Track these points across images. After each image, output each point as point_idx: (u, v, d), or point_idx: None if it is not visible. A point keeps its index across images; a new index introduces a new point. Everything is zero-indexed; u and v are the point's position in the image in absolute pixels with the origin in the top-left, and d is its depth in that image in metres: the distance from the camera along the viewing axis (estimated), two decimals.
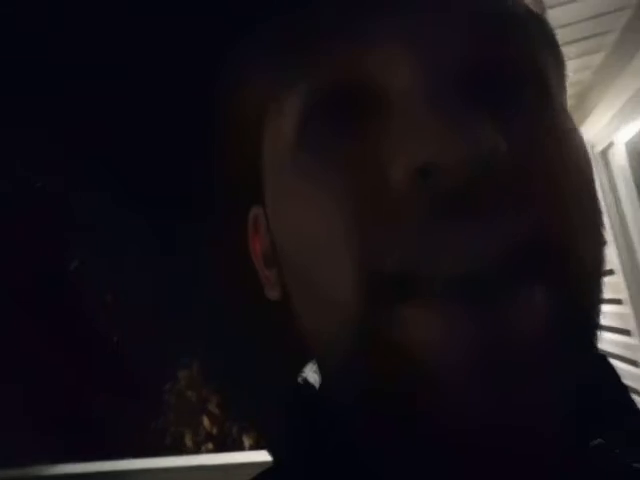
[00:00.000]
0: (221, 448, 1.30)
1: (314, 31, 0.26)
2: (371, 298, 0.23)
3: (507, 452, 0.22)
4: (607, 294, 0.28)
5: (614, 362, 0.30)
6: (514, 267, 0.22)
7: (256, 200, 0.32)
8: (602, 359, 0.30)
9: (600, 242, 0.25)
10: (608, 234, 1.60)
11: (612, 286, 1.61)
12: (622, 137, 1.57)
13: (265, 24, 0.29)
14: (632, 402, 0.29)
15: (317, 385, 0.32)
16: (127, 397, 1.27)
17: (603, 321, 0.26)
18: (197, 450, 1.30)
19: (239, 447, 1.30)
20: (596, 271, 0.25)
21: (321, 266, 0.25)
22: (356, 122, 0.25)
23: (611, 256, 1.59)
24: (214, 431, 1.26)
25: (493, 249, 0.22)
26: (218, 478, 1.32)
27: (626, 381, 0.31)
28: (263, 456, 1.14)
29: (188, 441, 1.28)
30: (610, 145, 1.61)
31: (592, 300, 0.25)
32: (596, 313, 0.25)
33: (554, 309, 0.22)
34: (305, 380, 0.33)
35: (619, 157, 1.59)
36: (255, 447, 1.30)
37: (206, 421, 1.26)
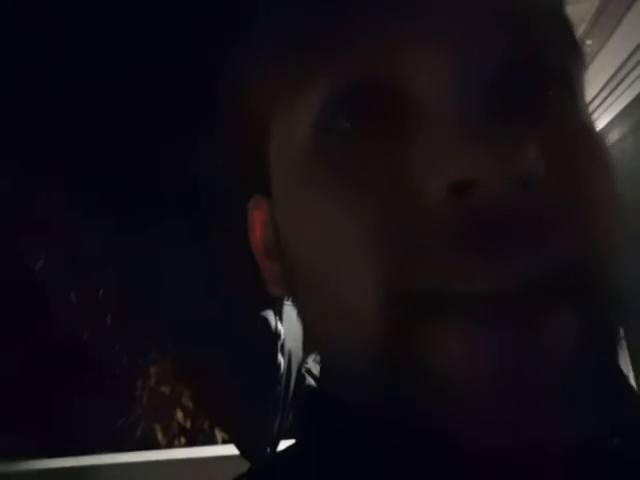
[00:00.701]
0: (193, 443, 1.30)
1: (339, 24, 0.26)
2: (396, 314, 0.23)
3: (521, 472, 0.22)
4: None
5: None
6: (545, 290, 0.22)
7: (259, 190, 0.32)
8: (621, 377, 0.30)
9: (622, 264, 0.25)
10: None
11: None
12: None
13: (289, 14, 0.28)
14: None
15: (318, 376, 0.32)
16: (97, 392, 1.25)
17: None
18: (169, 445, 1.29)
19: (211, 441, 1.30)
20: (623, 291, 0.25)
21: (342, 277, 0.24)
22: (381, 125, 0.25)
23: None
24: (187, 425, 1.26)
25: (525, 271, 0.22)
26: (190, 472, 1.31)
27: None
28: (235, 450, 1.14)
29: (160, 436, 1.27)
30: None
31: (618, 322, 0.25)
32: (619, 333, 0.25)
33: (582, 334, 0.22)
34: (309, 370, 0.33)
35: None
36: (228, 441, 1.29)
37: (178, 415, 1.26)
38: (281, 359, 1.25)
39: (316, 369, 0.34)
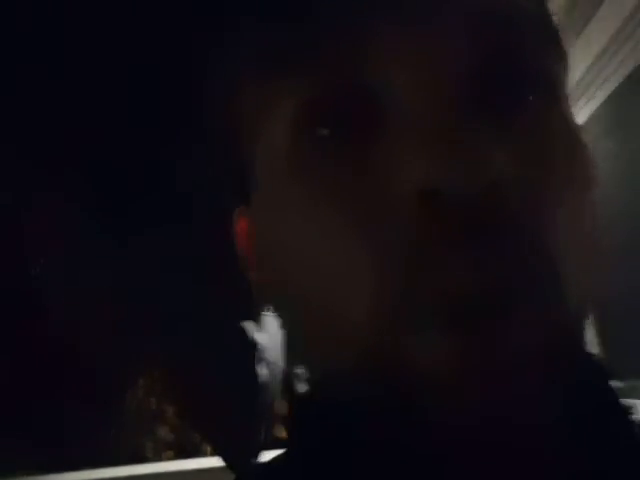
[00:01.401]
0: (181, 455, 1.30)
1: (312, 36, 0.26)
2: (380, 324, 0.23)
3: (500, 446, 0.23)
4: None
5: None
6: (516, 291, 0.22)
7: (243, 200, 0.32)
8: (591, 361, 0.31)
9: (596, 261, 0.26)
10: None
11: None
12: None
13: (263, 25, 0.28)
14: (618, 402, 0.30)
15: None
16: (84, 405, 1.25)
17: None
18: (157, 458, 1.29)
19: (200, 453, 1.30)
20: (589, 293, 0.26)
21: (323, 288, 0.25)
22: (356, 132, 0.25)
23: None
24: (173, 438, 1.26)
25: (496, 273, 0.22)
26: None
27: None
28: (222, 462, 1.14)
29: (148, 449, 1.27)
30: None
31: (585, 316, 0.26)
32: (584, 326, 0.26)
33: (549, 329, 0.23)
34: (298, 376, 0.34)
35: None
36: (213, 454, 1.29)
37: (166, 428, 1.26)
38: (262, 370, 1.24)
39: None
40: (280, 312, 0.30)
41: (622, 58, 1.18)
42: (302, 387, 0.40)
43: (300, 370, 0.37)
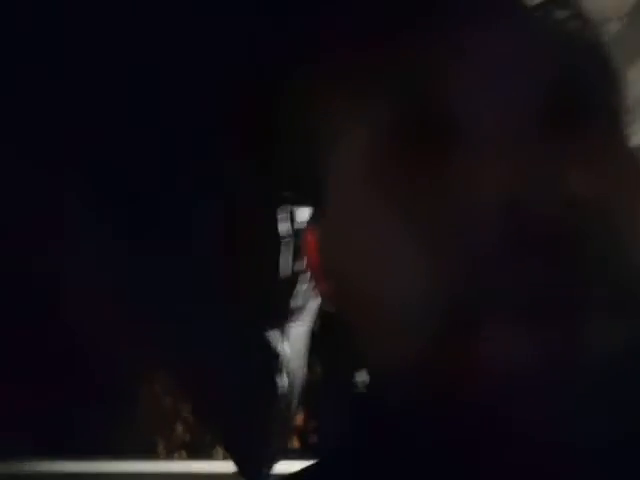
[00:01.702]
0: (194, 457, 1.29)
1: (390, 48, 0.26)
2: (445, 329, 0.24)
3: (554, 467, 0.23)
4: None
5: None
6: (585, 305, 0.23)
7: (314, 214, 0.33)
8: None
9: None
10: None
11: None
12: None
13: (343, 35, 0.29)
14: None
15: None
16: (99, 399, 1.25)
17: None
18: (169, 456, 1.29)
19: (212, 457, 1.29)
20: None
21: (395, 293, 0.25)
22: (433, 149, 0.26)
23: None
24: (186, 439, 1.25)
25: (563, 287, 0.23)
26: None
27: None
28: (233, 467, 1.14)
29: (160, 447, 1.27)
30: None
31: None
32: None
33: (618, 344, 0.23)
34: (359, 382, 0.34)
35: None
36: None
37: (180, 428, 1.25)
38: (283, 380, 1.23)
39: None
40: (347, 319, 0.30)
41: None
42: (361, 391, 0.38)
43: (359, 376, 0.36)
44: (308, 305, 1.23)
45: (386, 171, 0.26)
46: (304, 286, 1.20)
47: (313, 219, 0.33)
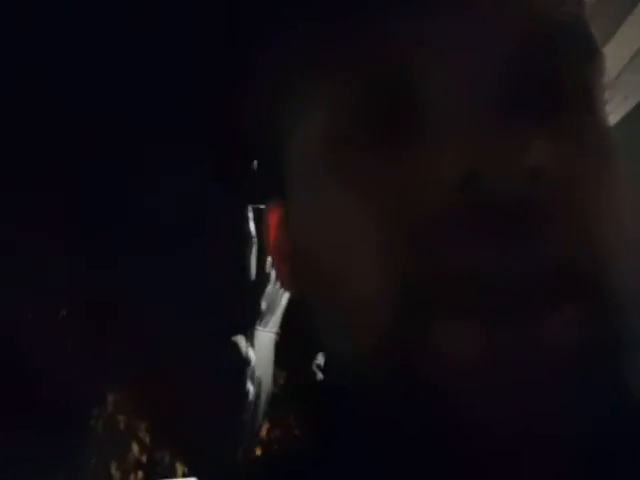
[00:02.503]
0: (152, 476, 1.21)
1: (354, 35, 0.26)
2: (407, 309, 0.23)
3: (522, 459, 0.23)
4: None
5: None
6: (550, 288, 0.22)
7: (275, 193, 0.32)
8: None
9: (632, 269, 0.25)
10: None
11: None
12: None
13: (307, 21, 0.29)
14: None
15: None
16: (50, 421, 1.16)
17: None
18: (125, 478, 1.20)
19: (171, 475, 1.21)
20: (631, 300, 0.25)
21: (354, 274, 0.25)
22: (396, 128, 0.25)
23: None
24: (143, 459, 1.17)
25: (532, 266, 0.22)
26: None
27: None
28: None
29: (114, 469, 1.18)
30: None
31: (620, 325, 0.25)
32: (622, 335, 0.25)
33: (582, 334, 0.22)
34: (319, 366, 0.34)
35: None
36: (188, 475, 1.22)
37: (135, 448, 1.17)
38: (250, 387, 1.19)
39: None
40: (308, 301, 0.29)
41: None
42: (321, 378, 0.39)
43: (320, 361, 0.38)
44: (275, 310, 1.22)
45: (346, 153, 0.26)
46: (271, 289, 1.19)
47: (274, 200, 0.33)
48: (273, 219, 0.33)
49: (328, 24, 0.27)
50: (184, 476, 1.18)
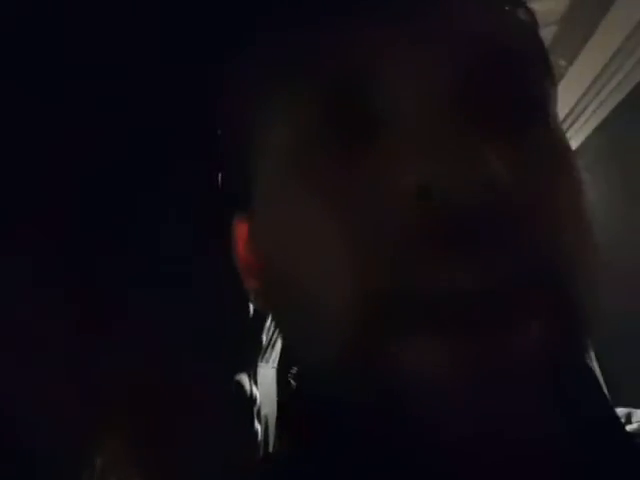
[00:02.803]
0: None
1: (312, 44, 0.27)
2: (365, 322, 0.23)
3: (493, 461, 0.23)
4: None
5: None
6: (510, 299, 0.22)
7: (242, 207, 0.32)
8: (588, 372, 0.31)
9: (596, 276, 0.26)
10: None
11: None
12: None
13: (263, 35, 0.30)
14: (614, 415, 0.31)
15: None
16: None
17: None
18: None
19: None
20: (593, 302, 0.26)
21: (316, 287, 0.25)
22: (353, 141, 0.26)
23: None
24: None
25: (490, 278, 0.22)
26: None
27: None
28: None
29: None
30: None
31: (585, 330, 0.26)
32: (587, 338, 0.26)
33: (548, 343, 0.23)
34: (295, 377, 0.34)
35: None
36: None
37: None
38: (258, 426, 1.15)
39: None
40: (278, 316, 0.30)
41: (614, 86, 1.31)
42: (295, 389, 0.39)
43: (294, 373, 0.39)
44: (275, 344, 1.18)
45: (306, 165, 0.27)
46: (270, 323, 1.15)
47: (242, 213, 0.34)
48: (240, 234, 0.33)
49: (288, 35, 0.28)
50: None
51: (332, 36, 0.27)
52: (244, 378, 1.14)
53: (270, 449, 1.13)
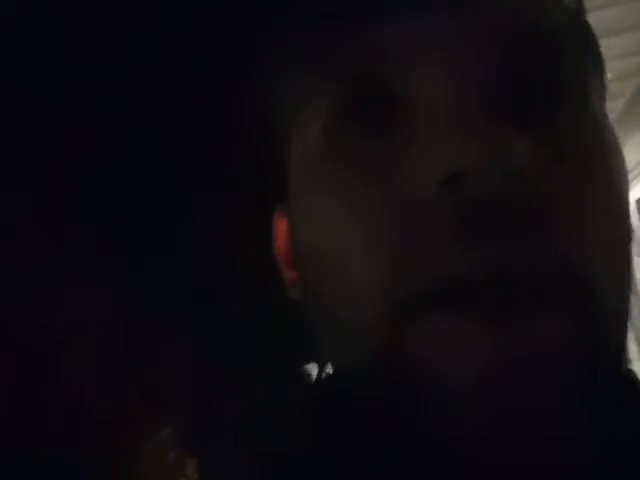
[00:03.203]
0: None
1: (340, 37, 0.27)
2: (393, 310, 0.24)
3: (514, 464, 0.23)
4: None
5: None
6: (535, 289, 0.23)
7: (281, 200, 0.33)
8: (627, 378, 0.31)
9: (629, 278, 0.26)
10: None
11: None
12: (634, 194, 1.72)
13: (293, 30, 0.30)
14: None
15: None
16: (97, 455, 1.04)
17: None
18: None
19: None
20: (623, 307, 0.25)
21: (342, 276, 0.26)
22: (382, 131, 0.26)
23: None
24: None
25: (517, 267, 0.22)
26: None
27: None
28: None
29: None
30: None
31: (616, 334, 0.25)
32: (620, 346, 0.26)
33: (571, 338, 0.23)
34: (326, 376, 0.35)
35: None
36: None
37: None
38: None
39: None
40: (310, 308, 0.30)
41: None
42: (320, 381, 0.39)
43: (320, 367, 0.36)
44: None
45: (335, 156, 0.27)
46: None
47: (281, 207, 0.34)
48: (280, 226, 0.35)
49: (318, 27, 0.29)
50: None
51: (363, 20, 0.27)
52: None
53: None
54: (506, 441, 0.23)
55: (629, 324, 0.26)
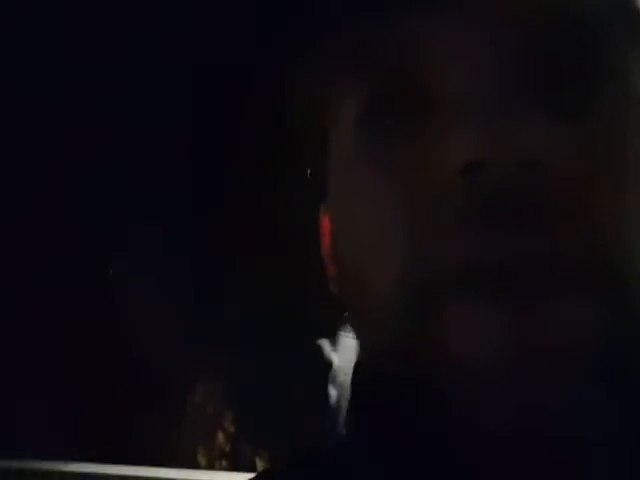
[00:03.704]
0: (235, 468, 1.23)
1: (373, 30, 0.27)
2: (416, 297, 0.24)
3: (527, 457, 0.22)
4: None
5: None
6: (553, 276, 0.22)
7: (325, 201, 0.33)
8: None
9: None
10: None
11: None
12: None
13: (334, 26, 0.30)
14: None
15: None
16: (144, 405, 1.21)
17: None
18: (210, 466, 1.23)
19: (251, 469, 1.22)
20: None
21: (369, 264, 0.26)
22: (411, 120, 0.26)
23: None
24: (227, 449, 1.19)
25: (538, 254, 0.22)
26: None
27: None
28: None
29: (200, 456, 1.21)
30: None
31: (637, 322, 0.24)
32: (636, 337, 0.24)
33: (591, 323, 0.22)
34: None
35: None
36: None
37: (221, 437, 1.20)
38: (332, 390, 1.17)
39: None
40: (349, 304, 0.30)
41: None
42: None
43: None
44: None
45: (370, 145, 0.27)
46: None
47: (326, 205, 0.33)
48: (325, 223, 0.34)
49: (351, 14, 0.28)
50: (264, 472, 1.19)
51: (393, 8, 0.27)
52: (324, 343, 1.18)
53: (342, 412, 1.16)
54: (528, 425, 0.22)
55: None
